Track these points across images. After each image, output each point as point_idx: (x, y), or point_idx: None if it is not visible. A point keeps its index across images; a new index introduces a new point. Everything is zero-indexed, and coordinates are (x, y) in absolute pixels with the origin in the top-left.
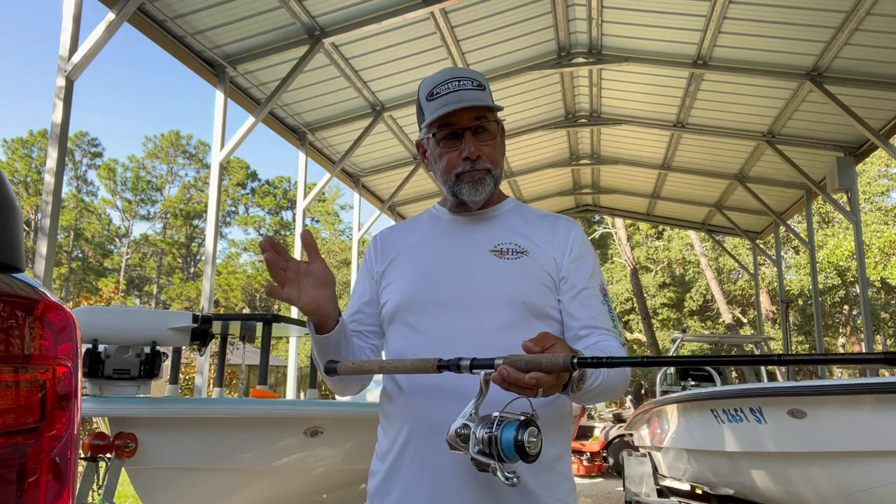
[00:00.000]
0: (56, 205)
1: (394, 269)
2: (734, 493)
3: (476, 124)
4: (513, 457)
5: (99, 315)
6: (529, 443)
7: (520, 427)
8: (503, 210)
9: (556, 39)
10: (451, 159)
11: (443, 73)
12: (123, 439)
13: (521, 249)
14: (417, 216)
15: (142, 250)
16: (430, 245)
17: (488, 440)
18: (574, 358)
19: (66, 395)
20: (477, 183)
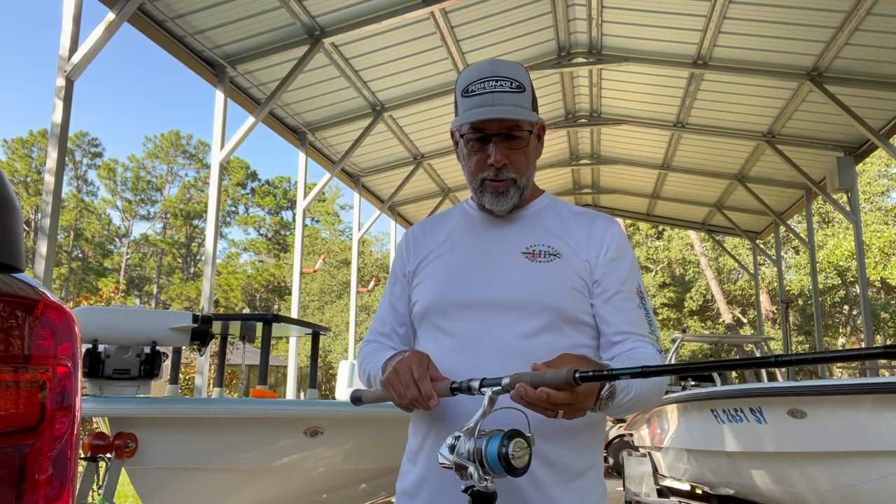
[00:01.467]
0: (56, 205)
1: (424, 268)
2: (734, 493)
3: (506, 132)
4: (498, 470)
5: (99, 315)
6: (514, 455)
7: (504, 438)
8: (537, 208)
9: (556, 39)
10: (478, 162)
11: (482, 67)
12: (123, 439)
13: (554, 251)
14: (450, 210)
15: (142, 250)
16: (461, 244)
17: (474, 452)
18: (576, 372)
19: (66, 395)
20: (500, 195)
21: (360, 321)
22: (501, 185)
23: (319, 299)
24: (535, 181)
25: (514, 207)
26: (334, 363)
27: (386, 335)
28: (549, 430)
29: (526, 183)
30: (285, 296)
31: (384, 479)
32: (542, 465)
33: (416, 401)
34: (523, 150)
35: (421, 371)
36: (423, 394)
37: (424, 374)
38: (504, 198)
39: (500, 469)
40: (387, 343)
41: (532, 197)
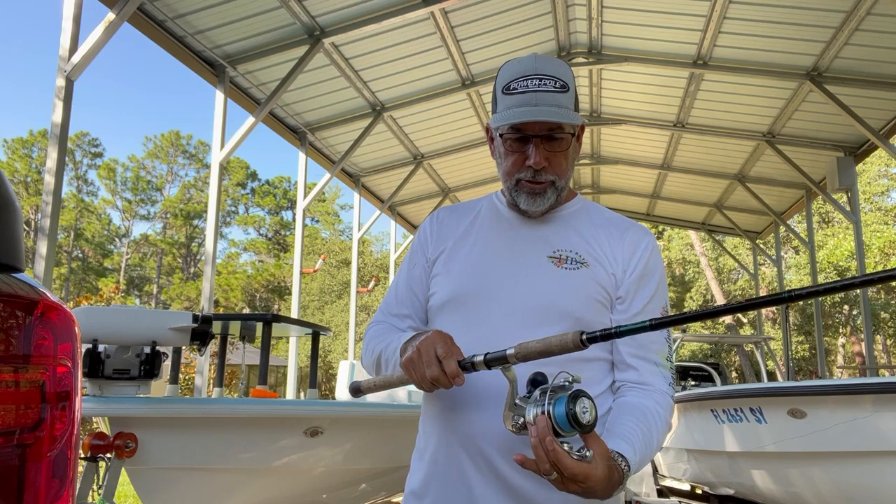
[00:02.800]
0: (56, 205)
1: (446, 259)
2: (734, 493)
3: (547, 133)
4: (569, 430)
5: (99, 315)
6: (583, 412)
7: (569, 400)
8: (569, 211)
9: (556, 39)
10: (515, 162)
11: (526, 62)
12: (123, 439)
13: (581, 259)
14: (477, 200)
15: (142, 250)
16: (487, 239)
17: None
18: (583, 334)
19: (66, 395)
20: (537, 196)
21: (360, 321)
22: (539, 187)
23: (319, 299)
24: None
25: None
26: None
27: (400, 317)
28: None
29: (564, 185)
30: (285, 296)
31: (384, 479)
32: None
33: (439, 380)
34: (563, 153)
35: (446, 349)
36: (448, 373)
37: (450, 352)
38: (541, 199)
39: (571, 429)
40: (399, 325)
41: (565, 199)
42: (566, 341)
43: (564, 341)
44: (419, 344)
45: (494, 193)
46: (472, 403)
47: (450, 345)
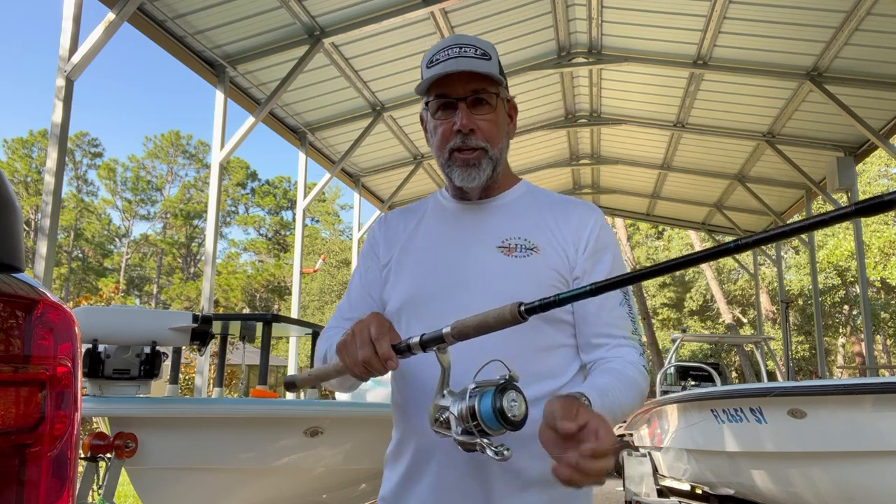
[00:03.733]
0: (56, 205)
1: (396, 263)
2: (734, 493)
3: (472, 96)
4: (496, 427)
5: (99, 315)
6: (511, 406)
7: (497, 393)
8: (513, 197)
9: (556, 39)
10: (444, 132)
11: (447, 39)
12: (123, 439)
13: (531, 245)
14: (423, 201)
15: (142, 250)
16: (435, 239)
17: (467, 414)
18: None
19: (66, 395)
20: (470, 167)
21: None
22: (472, 157)
23: (319, 299)
24: (535, 181)
25: (487, 194)
26: None
27: (353, 320)
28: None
29: (499, 155)
30: (285, 296)
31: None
32: (501, 472)
33: (370, 363)
34: (493, 119)
35: (379, 330)
36: (380, 354)
37: (384, 333)
38: (475, 170)
39: (498, 425)
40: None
41: (508, 185)
42: (503, 314)
43: (502, 314)
44: (353, 326)
45: (439, 190)
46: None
47: (385, 327)
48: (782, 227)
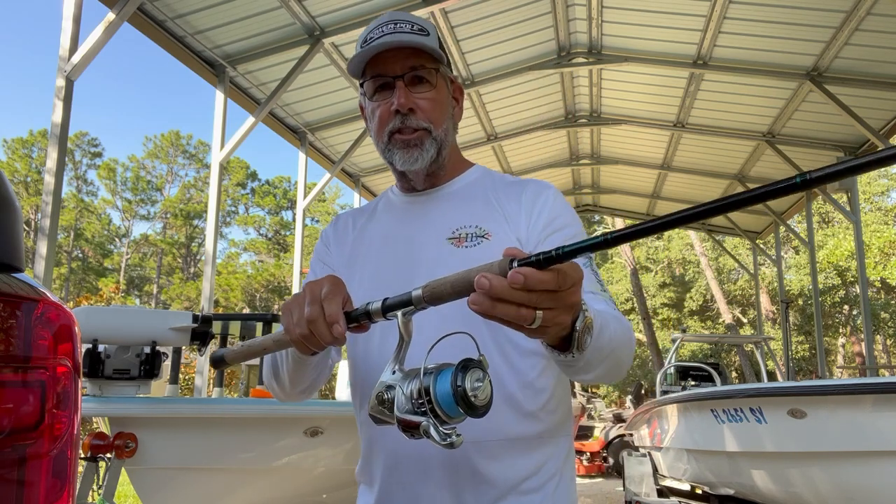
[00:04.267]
0: (56, 205)
1: (344, 267)
2: (734, 493)
3: (410, 72)
4: (455, 412)
5: (99, 315)
6: (474, 388)
7: (458, 371)
8: (464, 183)
9: (556, 39)
10: (382, 114)
11: (382, 17)
12: (123, 439)
13: (482, 232)
14: (373, 200)
15: (142, 250)
16: (382, 236)
17: (418, 394)
18: (513, 260)
19: (66, 395)
20: (412, 148)
21: None
22: (413, 137)
23: None
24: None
25: (435, 182)
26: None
27: None
28: (490, 440)
29: (444, 137)
30: (285, 296)
31: None
32: (473, 484)
33: (316, 323)
34: (434, 97)
35: (334, 290)
36: (327, 315)
37: (337, 294)
38: (417, 151)
39: (458, 410)
40: None
41: (459, 171)
42: (492, 270)
43: (491, 271)
44: (306, 284)
45: (390, 188)
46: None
47: (340, 288)
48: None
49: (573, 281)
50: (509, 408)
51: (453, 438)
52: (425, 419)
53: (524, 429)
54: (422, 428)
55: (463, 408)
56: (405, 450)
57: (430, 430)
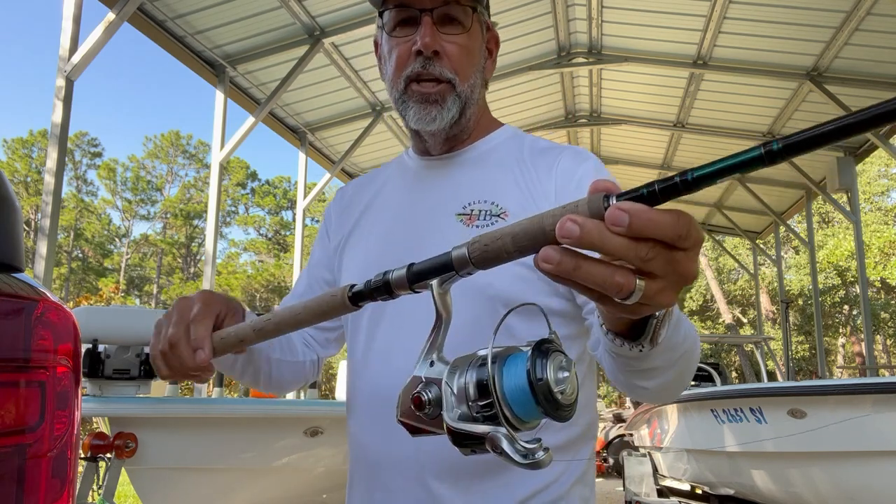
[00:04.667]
0: (56, 205)
1: (347, 244)
2: (734, 493)
3: (441, 9)
4: (532, 414)
5: (99, 315)
6: (560, 381)
7: (535, 357)
8: (487, 147)
9: (556, 39)
10: (401, 55)
11: None
12: (123, 439)
13: (498, 211)
14: (386, 165)
15: (142, 250)
16: (392, 208)
17: (477, 391)
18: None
19: (66, 395)
20: (430, 105)
21: None
22: (433, 91)
23: None
24: None
25: (454, 145)
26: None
27: None
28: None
29: (469, 94)
30: (285, 296)
31: None
32: None
33: (177, 347)
34: (465, 43)
35: (205, 311)
36: (193, 338)
37: (208, 315)
38: (436, 108)
39: (536, 411)
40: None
41: (484, 131)
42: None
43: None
44: (176, 301)
45: (407, 149)
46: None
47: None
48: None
49: (697, 238)
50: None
51: (539, 455)
52: (492, 427)
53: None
54: (489, 441)
55: (545, 408)
56: (388, 460)
57: (503, 443)
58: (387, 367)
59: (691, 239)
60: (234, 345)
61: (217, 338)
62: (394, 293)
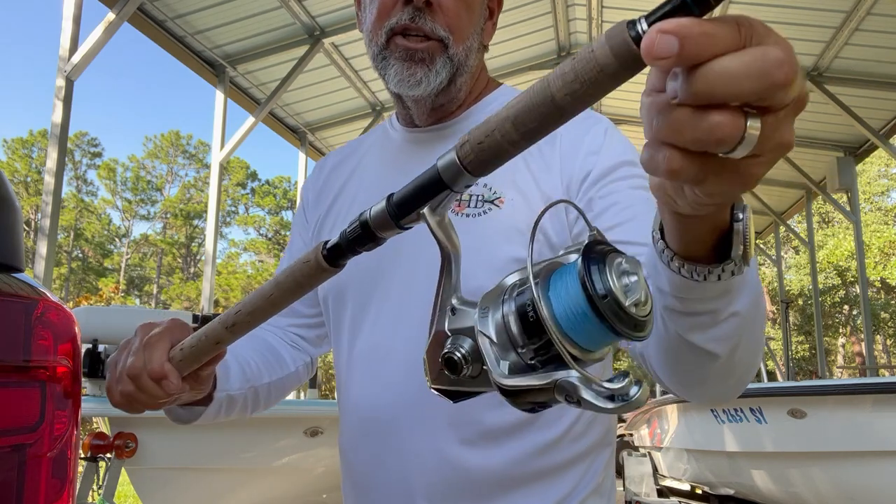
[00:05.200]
0: (56, 205)
1: (325, 224)
2: (734, 493)
3: None
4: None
5: (99, 315)
6: (628, 289)
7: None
8: (480, 116)
9: (556, 39)
10: (385, 4)
11: None
12: (123, 439)
13: (492, 195)
14: (369, 134)
15: (142, 250)
16: (371, 186)
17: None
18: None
19: (66, 395)
20: (415, 64)
21: None
22: (421, 46)
23: None
24: None
25: (442, 116)
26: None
27: (280, 314)
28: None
29: (463, 58)
30: None
31: None
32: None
33: (140, 379)
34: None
35: (162, 334)
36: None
37: (161, 339)
38: (422, 69)
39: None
40: (277, 322)
41: (477, 96)
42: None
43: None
44: (140, 327)
45: (390, 116)
46: (404, 418)
47: (172, 333)
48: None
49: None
50: (512, 439)
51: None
52: (555, 372)
53: (535, 464)
54: (559, 391)
55: (619, 329)
56: (374, 481)
57: (580, 391)
58: (371, 376)
59: (793, 66)
60: (209, 349)
61: (179, 351)
62: (378, 237)
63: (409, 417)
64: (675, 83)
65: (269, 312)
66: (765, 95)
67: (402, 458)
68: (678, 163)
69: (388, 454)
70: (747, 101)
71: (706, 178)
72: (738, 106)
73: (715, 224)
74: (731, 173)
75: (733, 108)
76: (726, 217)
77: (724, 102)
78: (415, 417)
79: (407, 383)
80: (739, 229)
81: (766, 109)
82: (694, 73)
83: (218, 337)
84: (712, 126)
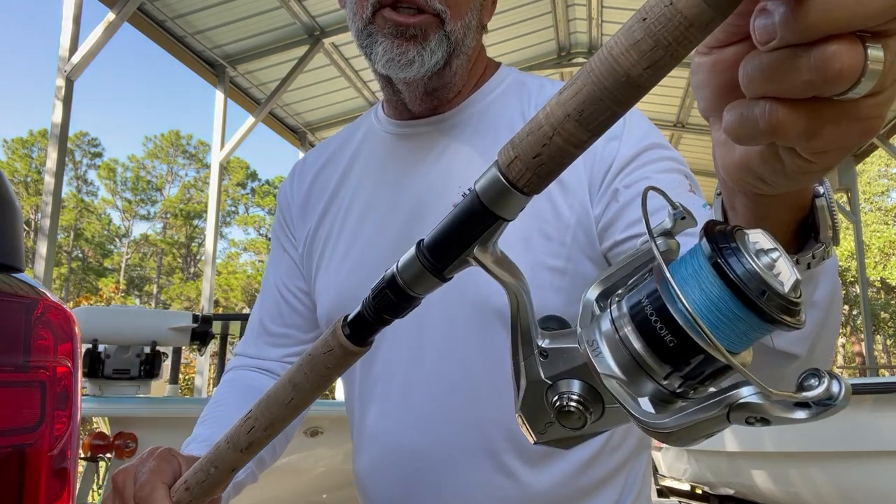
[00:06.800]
0: (56, 205)
1: (317, 244)
2: (734, 493)
3: None
4: (747, 338)
5: (99, 315)
6: (772, 264)
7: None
8: (484, 103)
9: (556, 39)
10: None
11: None
12: (123, 439)
13: None
14: (355, 126)
15: (142, 250)
16: (365, 199)
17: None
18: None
19: (66, 395)
20: (407, 41)
21: None
22: (413, 21)
23: None
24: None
25: (439, 106)
26: None
27: (272, 340)
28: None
29: (461, 36)
30: None
31: None
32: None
33: None
34: None
35: (151, 480)
36: None
37: (155, 490)
38: (414, 47)
39: (761, 330)
40: (268, 354)
41: (478, 81)
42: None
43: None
44: (115, 475)
45: (375, 106)
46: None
47: (160, 472)
48: None
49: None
50: (552, 461)
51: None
52: (724, 393)
53: (578, 482)
54: (735, 416)
55: (776, 318)
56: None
57: (768, 409)
58: (393, 406)
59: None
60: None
61: (185, 492)
62: (415, 298)
63: (443, 451)
64: (768, 20)
65: (290, 418)
66: (894, 14)
67: (440, 492)
68: (784, 114)
69: (420, 489)
70: (865, 27)
71: (821, 130)
72: (852, 33)
73: (796, 202)
74: (851, 120)
75: (848, 36)
76: (808, 194)
77: (841, 32)
78: (448, 450)
79: (436, 416)
80: (824, 205)
81: (882, 34)
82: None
83: (232, 464)
84: (827, 59)
